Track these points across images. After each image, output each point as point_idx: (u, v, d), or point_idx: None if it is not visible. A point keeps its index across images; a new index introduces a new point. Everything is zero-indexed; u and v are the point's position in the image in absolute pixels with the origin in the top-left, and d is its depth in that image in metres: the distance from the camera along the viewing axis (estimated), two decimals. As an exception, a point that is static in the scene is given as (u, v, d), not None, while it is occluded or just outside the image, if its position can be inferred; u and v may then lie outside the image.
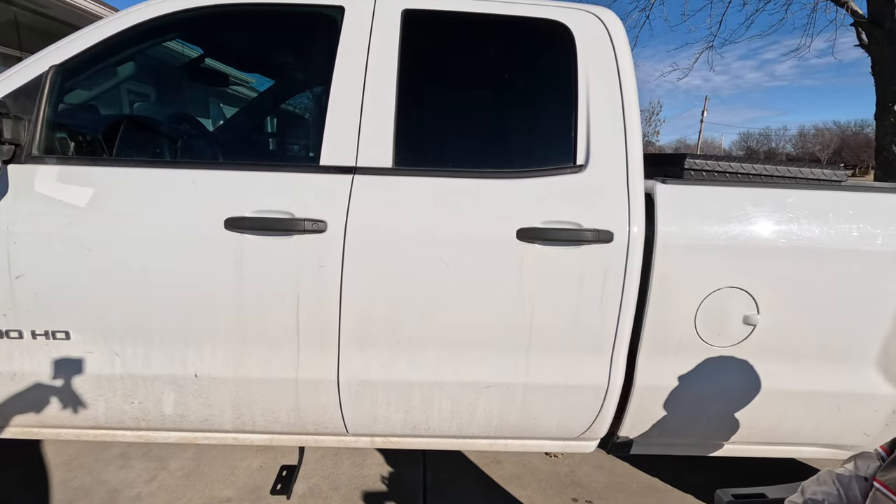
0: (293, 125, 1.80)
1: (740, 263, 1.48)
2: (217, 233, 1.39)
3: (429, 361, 1.51)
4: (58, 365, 1.47)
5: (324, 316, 1.45)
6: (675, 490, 2.44)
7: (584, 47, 1.54)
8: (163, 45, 1.70)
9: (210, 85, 2.19)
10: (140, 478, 2.37)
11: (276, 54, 1.78)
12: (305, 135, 1.56)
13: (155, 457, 2.54)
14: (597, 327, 1.49)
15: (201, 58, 2.08)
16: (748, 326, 1.51)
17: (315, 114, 1.49)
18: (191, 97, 2.05)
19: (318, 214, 1.41)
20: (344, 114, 1.47)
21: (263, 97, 2.09)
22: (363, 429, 1.60)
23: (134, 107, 1.88)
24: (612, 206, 1.46)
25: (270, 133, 1.99)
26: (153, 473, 2.41)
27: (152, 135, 1.76)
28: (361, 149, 1.46)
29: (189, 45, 1.94)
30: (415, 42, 1.52)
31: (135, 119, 1.74)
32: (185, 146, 1.75)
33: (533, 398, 1.55)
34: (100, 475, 2.38)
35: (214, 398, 1.51)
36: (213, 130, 1.99)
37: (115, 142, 1.62)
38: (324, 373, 1.50)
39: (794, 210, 1.49)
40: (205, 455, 2.57)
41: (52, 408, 1.52)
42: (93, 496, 2.24)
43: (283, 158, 1.64)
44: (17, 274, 1.39)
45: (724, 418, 1.61)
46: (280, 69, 1.89)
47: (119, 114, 1.81)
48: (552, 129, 1.56)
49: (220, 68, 2.09)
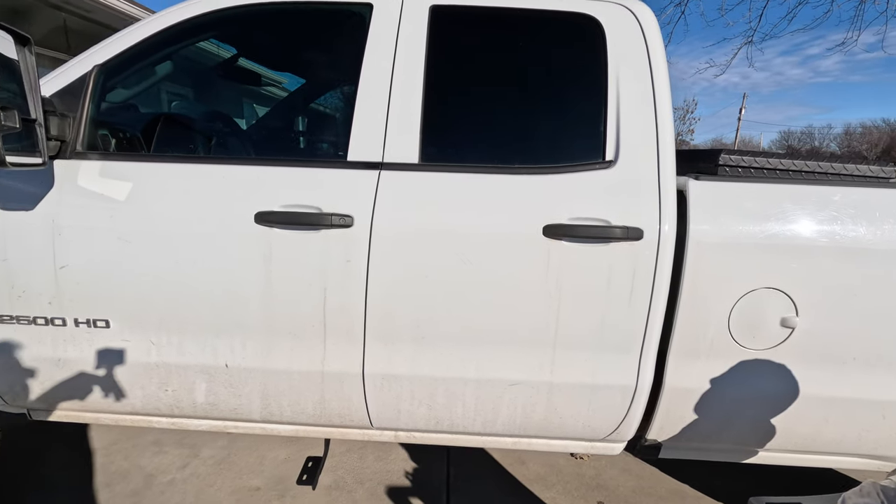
0: (322, 121, 1.83)
1: (778, 263, 1.42)
2: (247, 226, 1.42)
3: (453, 357, 1.50)
4: (98, 352, 1.53)
5: (349, 310, 1.47)
6: (705, 497, 2.37)
7: (615, 41, 1.51)
8: (198, 45, 1.75)
9: (243, 84, 2.24)
10: (174, 464, 2.46)
11: (305, 52, 1.81)
12: (334, 131, 1.58)
13: (188, 444, 2.63)
14: (625, 326, 1.46)
15: (235, 57, 2.14)
16: (786, 329, 1.45)
17: (343, 110, 1.51)
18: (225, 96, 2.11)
19: (345, 209, 1.42)
20: (371, 110, 1.48)
21: (294, 94, 2.13)
22: (387, 423, 1.61)
23: (171, 105, 1.95)
24: (642, 203, 1.42)
25: (300, 129, 2.03)
26: (186, 460, 2.49)
27: (187, 131, 1.82)
28: (388, 144, 1.47)
29: (223, 46, 2.00)
30: (442, 38, 1.52)
31: (170, 116, 1.80)
32: (219, 142, 1.80)
33: (558, 397, 1.52)
34: (136, 460, 2.48)
35: (244, 388, 1.55)
36: (246, 128, 2.04)
37: (153, 138, 1.68)
38: (349, 366, 1.52)
39: (838, 208, 1.42)
40: (235, 444, 2.64)
41: (92, 393, 1.59)
42: (130, 480, 2.33)
43: (311, 154, 1.67)
44: (61, 264, 1.46)
45: (759, 424, 1.55)
46: (309, 66, 1.92)
47: (156, 111, 1.88)
48: (581, 124, 1.53)
49: (252, 68, 2.14)
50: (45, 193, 1.44)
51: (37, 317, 1.51)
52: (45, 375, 1.56)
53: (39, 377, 1.57)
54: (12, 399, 1.62)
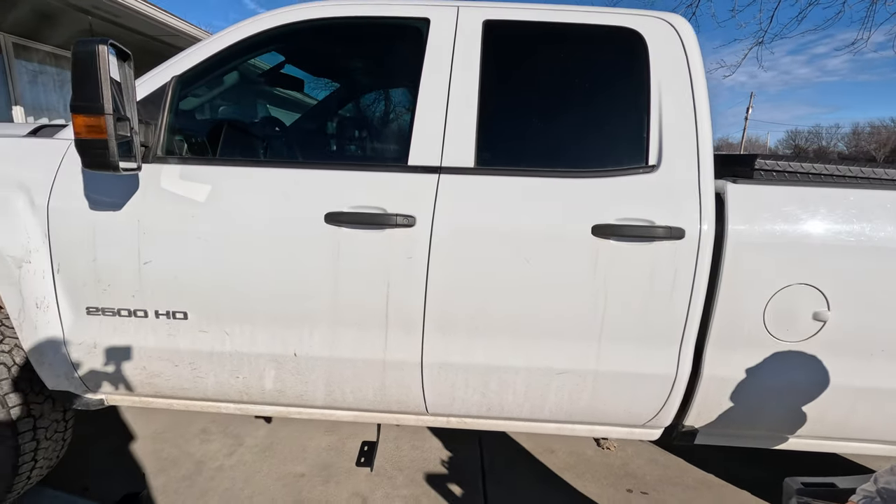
0: (384, 128, 1.94)
1: (811, 261, 1.52)
2: (317, 226, 1.54)
3: (506, 348, 1.62)
4: (176, 342, 1.66)
5: (411, 303, 1.58)
6: (730, 486, 2.48)
7: (657, 52, 1.62)
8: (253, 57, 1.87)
9: (289, 90, 2.36)
10: (220, 452, 2.59)
11: (367, 63, 1.93)
12: (395, 138, 1.69)
13: (232, 433, 2.76)
14: (666, 319, 1.57)
15: (282, 64, 2.26)
16: (818, 322, 1.55)
17: (403, 118, 1.62)
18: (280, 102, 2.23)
19: (407, 210, 1.54)
20: (430, 117, 1.59)
21: (357, 104, 2.25)
22: (442, 409, 1.73)
23: (231, 111, 2.08)
24: (683, 205, 1.53)
25: (363, 136, 2.14)
26: (232, 448, 2.62)
27: (249, 137, 1.93)
28: (446, 150, 1.58)
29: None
30: (495, 50, 1.63)
31: (233, 123, 1.92)
32: (288, 148, 1.92)
33: (603, 385, 1.64)
34: (185, 448, 2.61)
35: (310, 376, 1.67)
36: (312, 134, 2.17)
37: (218, 143, 1.80)
38: (409, 355, 1.63)
39: (866, 209, 1.52)
40: (277, 434, 2.77)
41: (169, 380, 1.72)
42: (181, 466, 2.46)
43: (375, 159, 1.78)
44: (145, 260, 1.58)
45: (791, 412, 1.66)
46: (371, 77, 2.03)
47: (223, 118, 2.00)
48: (625, 130, 1.64)
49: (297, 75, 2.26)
50: (131, 195, 1.57)
51: (121, 309, 1.63)
52: (126, 363, 1.69)
53: (121, 365, 1.69)
54: (94, 385, 1.75)
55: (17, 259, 1.57)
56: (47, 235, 1.58)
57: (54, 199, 1.57)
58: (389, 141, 1.66)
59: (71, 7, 5.71)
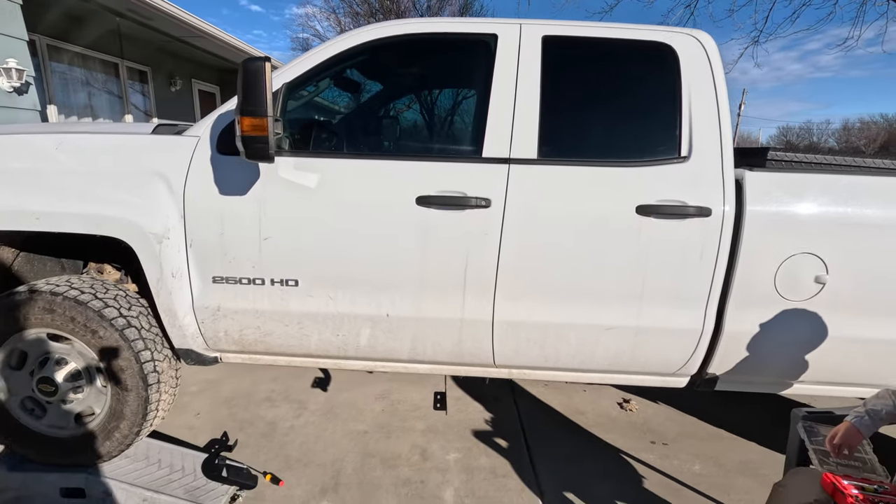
0: (463, 127, 2.24)
1: (812, 234, 1.88)
2: (410, 207, 1.87)
3: (562, 308, 1.96)
4: (288, 305, 1.99)
5: (485, 271, 1.92)
6: (739, 438, 2.85)
7: (687, 63, 1.96)
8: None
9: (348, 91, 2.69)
10: (289, 414, 2.93)
11: (446, 71, 2.25)
12: (472, 134, 2.01)
13: (295, 399, 3.11)
14: (695, 283, 1.92)
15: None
16: (819, 284, 1.91)
17: (478, 116, 1.95)
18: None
19: (484, 194, 1.88)
20: (500, 117, 1.93)
21: (440, 106, 2.59)
22: (506, 361, 2.07)
23: (336, 111, 2.42)
24: (709, 189, 1.88)
25: (447, 133, 2.46)
26: (298, 412, 2.96)
27: (354, 133, 2.25)
28: (514, 144, 1.92)
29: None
30: (552, 60, 1.96)
31: (321, 122, 2.24)
32: (384, 142, 2.24)
33: (643, 338, 1.98)
34: (255, 412, 2.95)
35: (399, 333, 2.01)
36: (403, 131, 2.50)
37: (325, 138, 2.12)
38: (482, 315, 1.97)
39: (855, 191, 1.88)
40: (334, 399, 3.12)
41: (279, 338, 2.04)
42: (256, 425, 2.80)
43: (456, 153, 2.11)
44: (265, 237, 1.91)
45: (796, 360, 2.01)
46: (451, 83, 2.36)
47: (327, 117, 2.33)
48: (662, 127, 1.97)
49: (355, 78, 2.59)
50: (254, 183, 1.89)
51: (242, 277, 1.96)
52: (244, 324, 2.01)
53: (240, 325, 2.02)
54: (214, 344, 2.07)
55: (158, 236, 1.89)
56: (183, 216, 1.90)
57: (189, 185, 1.89)
58: (467, 137, 1.98)
59: (105, 9, 5.97)
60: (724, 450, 2.72)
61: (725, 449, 2.74)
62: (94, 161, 1.91)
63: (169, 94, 8.79)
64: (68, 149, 1.92)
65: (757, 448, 2.75)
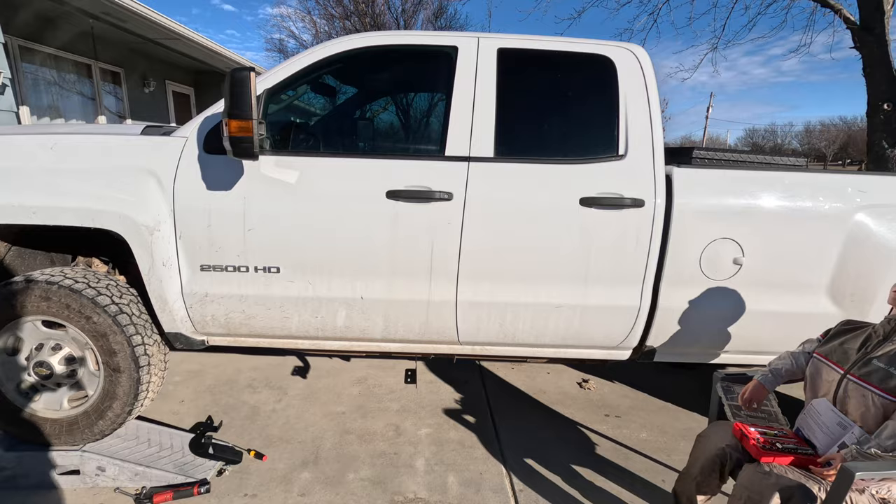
0: (426, 127, 2.45)
1: (731, 222, 2.17)
2: (381, 200, 2.10)
3: (518, 289, 2.22)
4: (270, 290, 2.19)
5: (449, 256, 2.16)
6: (684, 410, 3.16)
7: (623, 73, 2.24)
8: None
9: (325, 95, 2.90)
10: (270, 399, 3.11)
11: (413, 78, 2.49)
12: (436, 135, 2.23)
13: (276, 386, 3.29)
14: (632, 265, 2.20)
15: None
16: (736, 266, 2.21)
17: (441, 119, 2.19)
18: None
19: (447, 188, 2.12)
20: (461, 119, 2.17)
21: (407, 109, 2.82)
22: (470, 338, 2.31)
23: (313, 113, 2.63)
24: (643, 183, 2.16)
25: (413, 134, 2.68)
26: (279, 396, 3.15)
27: (330, 134, 2.47)
28: (473, 143, 2.17)
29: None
30: (506, 69, 2.22)
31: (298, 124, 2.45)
32: (357, 142, 2.45)
33: (589, 315, 2.25)
34: (238, 397, 3.13)
35: (372, 314, 2.23)
36: (375, 132, 2.73)
37: (303, 138, 2.32)
38: (447, 296, 2.21)
39: (763, 184, 2.18)
40: (314, 385, 3.32)
41: (262, 321, 2.24)
42: (239, 410, 2.98)
43: (422, 151, 2.33)
44: (249, 228, 2.10)
45: (720, 332, 2.31)
46: (415, 88, 2.60)
47: (305, 119, 2.54)
48: (603, 129, 2.24)
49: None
50: (238, 179, 2.09)
51: (228, 265, 2.15)
52: (230, 308, 2.21)
53: (226, 310, 2.21)
54: (202, 327, 2.26)
55: (149, 228, 2.07)
56: (173, 210, 2.08)
57: (178, 182, 2.08)
58: (432, 137, 2.21)
59: (79, 11, 6.00)
60: (670, 419, 3.02)
61: (671, 419, 3.04)
62: (88, 160, 2.08)
63: (143, 95, 8.78)
64: (63, 148, 2.08)
65: (699, 417, 3.06)
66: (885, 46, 6.74)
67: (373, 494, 2.25)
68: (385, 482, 2.33)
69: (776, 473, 1.58)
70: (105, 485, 2.25)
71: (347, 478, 2.35)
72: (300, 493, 2.24)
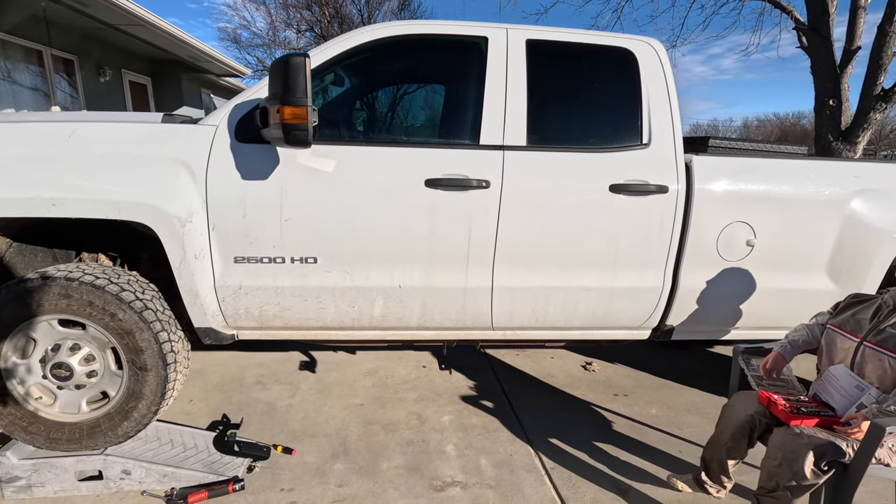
0: (460, 116, 2.44)
1: (745, 206, 2.33)
2: (419, 189, 2.11)
3: (551, 274, 2.29)
4: (307, 281, 2.15)
5: (485, 243, 2.20)
6: (683, 386, 3.35)
7: (644, 65, 2.34)
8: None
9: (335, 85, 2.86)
10: (283, 395, 3.06)
11: (446, 68, 2.49)
12: (468, 124, 2.25)
13: (286, 382, 3.24)
14: (657, 248, 2.31)
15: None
16: (749, 247, 2.37)
17: (475, 109, 2.21)
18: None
19: (484, 176, 2.15)
20: (494, 108, 2.21)
21: (441, 99, 2.80)
22: (503, 323, 2.37)
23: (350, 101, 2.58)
24: (666, 170, 2.28)
25: (445, 122, 2.66)
26: (292, 392, 3.10)
27: (367, 122, 2.43)
28: (507, 132, 2.21)
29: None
30: (535, 60, 2.27)
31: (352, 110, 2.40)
32: (395, 131, 2.43)
33: (616, 297, 2.36)
34: (250, 394, 3.06)
35: (409, 302, 2.24)
36: (412, 122, 2.70)
37: (341, 127, 2.27)
38: (483, 282, 2.25)
39: (774, 171, 2.35)
40: (325, 379, 3.29)
41: (297, 313, 2.20)
42: (255, 406, 2.92)
43: (455, 141, 2.33)
44: (286, 218, 2.06)
45: (733, 309, 2.47)
46: (450, 79, 2.60)
47: (342, 108, 2.50)
48: (628, 119, 2.34)
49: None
50: (274, 168, 2.04)
51: (263, 257, 2.10)
52: (264, 301, 2.16)
53: (260, 302, 2.16)
54: (234, 321, 2.20)
55: (181, 220, 1.99)
56: (206, 201, 2.01)
57: (211, 172, 2.01)
58: (465, 126, 2.22)
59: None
60: (673, 395, 3.20)
61: (674, 395, 3.22)
62: (112, 149, 1.97)
63: (98, 84, 8.24)
64: (83, 137, 1.96)
65: (698, 392, 3.26)
66: (830, 47, 7.28)
67: (410, 481, 2.27)
68: (420, 468, 2.36)
69: (807, 434, 1.72)
70: (130, 488, 2.16)
71: (381, 466, 2.36)
72: (338, 485, 2.23)
